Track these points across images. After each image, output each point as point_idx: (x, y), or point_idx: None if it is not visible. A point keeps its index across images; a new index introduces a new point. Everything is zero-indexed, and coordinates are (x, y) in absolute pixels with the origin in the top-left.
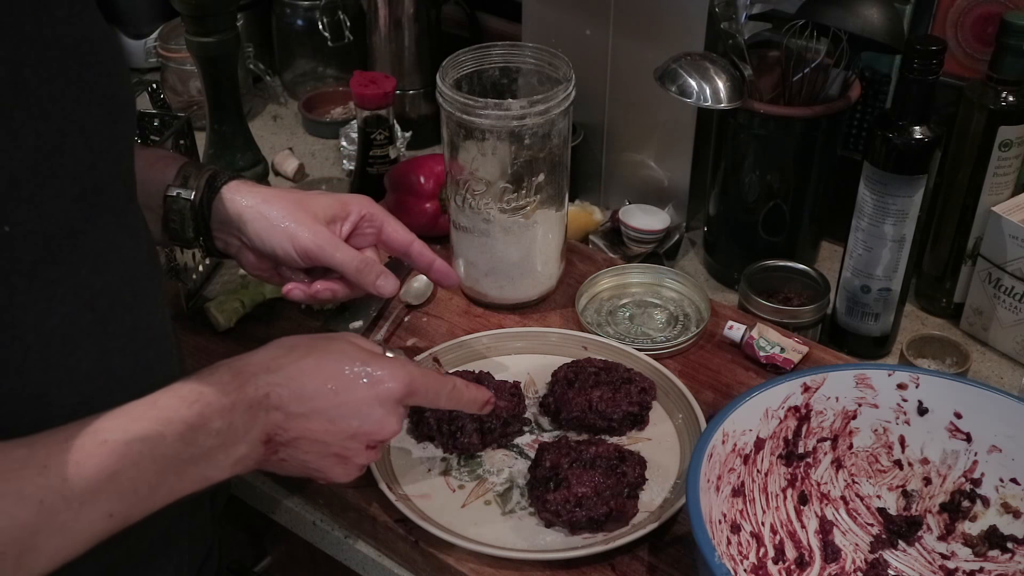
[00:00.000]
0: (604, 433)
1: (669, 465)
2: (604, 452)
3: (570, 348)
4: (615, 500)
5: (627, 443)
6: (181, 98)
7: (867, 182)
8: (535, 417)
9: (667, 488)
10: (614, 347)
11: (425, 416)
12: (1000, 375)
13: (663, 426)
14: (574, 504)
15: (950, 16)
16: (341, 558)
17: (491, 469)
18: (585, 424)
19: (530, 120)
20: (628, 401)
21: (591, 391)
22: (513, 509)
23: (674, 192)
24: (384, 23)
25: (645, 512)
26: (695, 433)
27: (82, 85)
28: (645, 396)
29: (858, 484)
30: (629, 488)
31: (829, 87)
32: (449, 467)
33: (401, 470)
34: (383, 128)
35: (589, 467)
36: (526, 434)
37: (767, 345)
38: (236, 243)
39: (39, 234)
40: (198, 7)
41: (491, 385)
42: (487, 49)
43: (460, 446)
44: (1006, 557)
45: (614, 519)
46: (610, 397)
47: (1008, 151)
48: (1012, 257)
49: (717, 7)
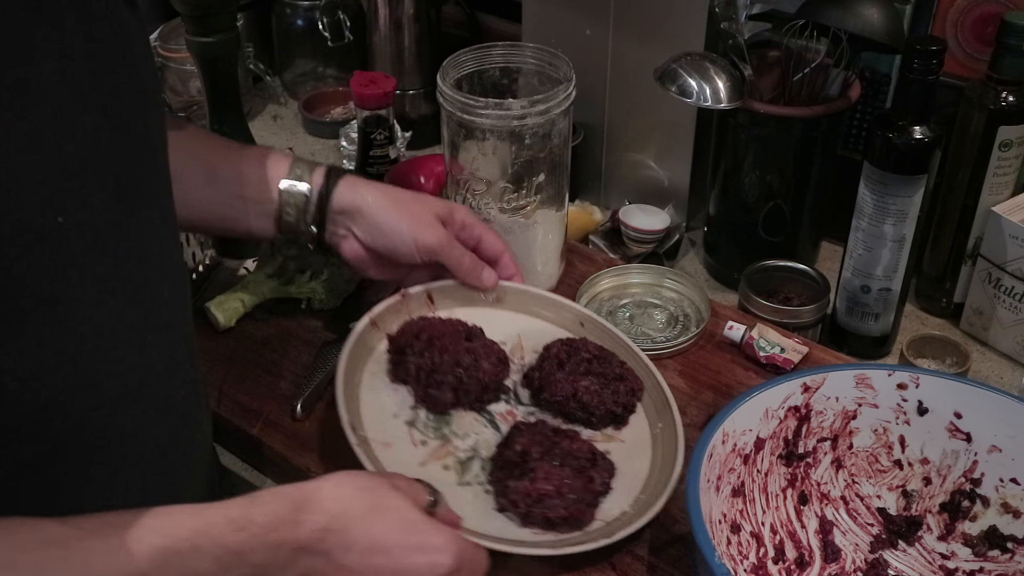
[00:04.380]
0: (581, 424)
1: (636, 474)
2: (578, 450)
3: (567, 321)
4: (576, 506)
5: (600, 440)
6: (181, 98)
7: (867, 182)
8: (515, 387)
9: (629, 500)
10: (611, 331)
11: (406, 359)
12: (1000, 375)
13: (640, 431)
14: (534, 500)
15: (950, 16)
16: None
17: (458, 431)
18: (564, 411)
19: (530, 120)
20: (614, 400)
21: (580, 379)
22: (470, 482)
23: (674, 192)
24: (384, 23)
25: (601, 521)
26: (671, 446)
27: (118, 79)
28: (632, 398)
29: (858, 484)
30: (593, 496)
31: (829, 87)
32: (416, 418)
33: (368, 408)
34: (383, 128)
35: (559, 463)
36: (501, 402)
37: (767, 345)
38: (343, 233)
39: (88, 226)
40: (198, 7)
41: (482, 344)
42: (487, 49)
43: (431, 400)
44: (1006, 557)
45: (570, 524)
46: (597, 391)
47: (1008, 151)
48: (1012, 257)
49: (717, 7)
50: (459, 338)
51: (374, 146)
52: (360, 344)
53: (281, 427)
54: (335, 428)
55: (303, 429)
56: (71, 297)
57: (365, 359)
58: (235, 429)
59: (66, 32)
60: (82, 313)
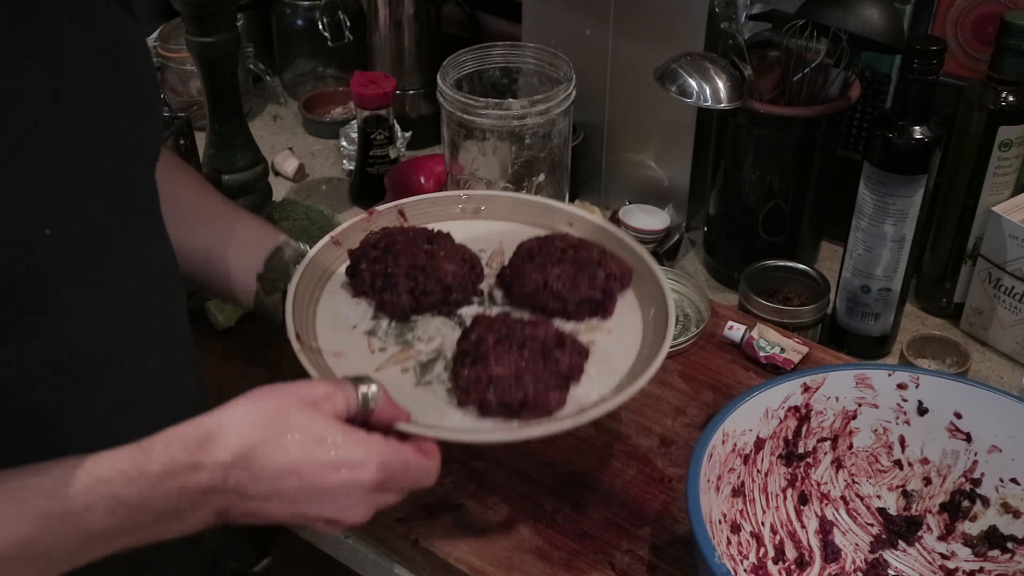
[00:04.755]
0: (559, 316)
1: (621, 361)
2: (541, 335)
3: (555, 223)
4: (534, 388)
5: (583, 331)
6: (181, 98)
7: (867, 182)
8: (490, 289)
9: (611, 385)
10: (602, 227)
11: (361, 269)
12: (1000, 375)
13: (630, 318)
14: (486, 384)
15: (950, 16)
16: (341, 558)
17: (422, 336)
18: (538, 304)
19: (530, 120)
20: (589, 285)
21: (550, 268)
22: (431, 381)
23: (674, 192)
24: (384, 23)
25: (576, 406)
26: (661, 330)
27: (115, 90)
28: (611, 282)
29: (858, 484)
30: (558, 378)
31: (829, 87)
32: (377, 327)
33: (324, 322)
34: (383, 128)
35: (517, 348)
36: (474, 305)
37: (767, 345)
38: None
39: (79, 236)
40: (198, 7)
41: (444, 247)
42: (487, 49)
43: (388, 306)
44: (1006, 557)
45: (531, 408)
46: (570, 277)
47: (1008, 151)
48: (1012, 257)
49: (717, 7)
50: (418, 242)
51: (374, 146)
52: (318, 263)
53: None
54: None
55: None
56: (61, 307)
57: (326, 279)
58: None
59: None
60: (74, 323)
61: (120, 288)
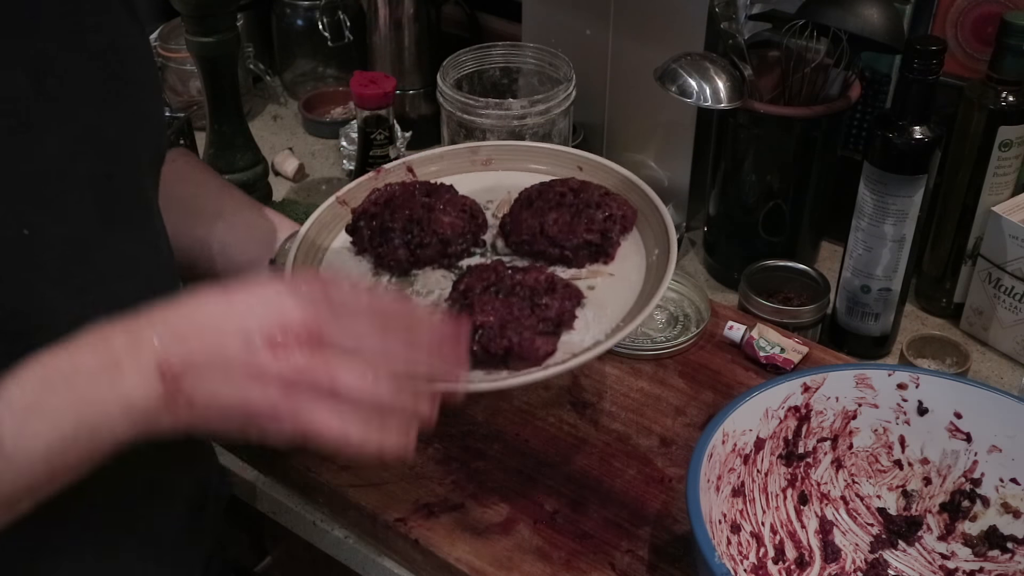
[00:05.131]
0: (559, 263)
1: (620, 304)
2: (531, 281)
3: (563, 168)
4: (519, 336)
5: (584, 276)
6: (181, 98)
7: (867, 182)
8: (494, 239)
9: (605, 329)
10: (611, 168)
11: (360, 226)
12: (1000, 375)
13: (633, 260)
14: (471, 333)
15: (950, 16)
16: (341, 558)
17: (420, 289)
18: (535, 251)
19: (530, 120)
20: (587, 228)
21: (547, 213)
22: None
23: (674, 192)
24: (384, 23)
25: (568, 353)
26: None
27: (105, 94)
28: (610, 224)
29: (858, 484)
30: (546, 324)
31: (829, 87)
32: (378, 283)
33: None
34: (383, 128)
35: (504, 295)
36: (476, 257)
37: (767, 345)
38: None
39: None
40: (198, 7)
41: (444, 199)
42: (487, 49)
43: (385, 260)
44: (1006, 557)
45: (518, 356)
46: (567, 221)
47: (1008, 151)
48: (1012, 257)
49: (717, 7)
50: (416, 196)
51: (374, 146)
52: (323, 223)
53: None
54: None
55: None
56: (45, 310)
57: (332, 239)
58: None
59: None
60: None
61: (108, 293)
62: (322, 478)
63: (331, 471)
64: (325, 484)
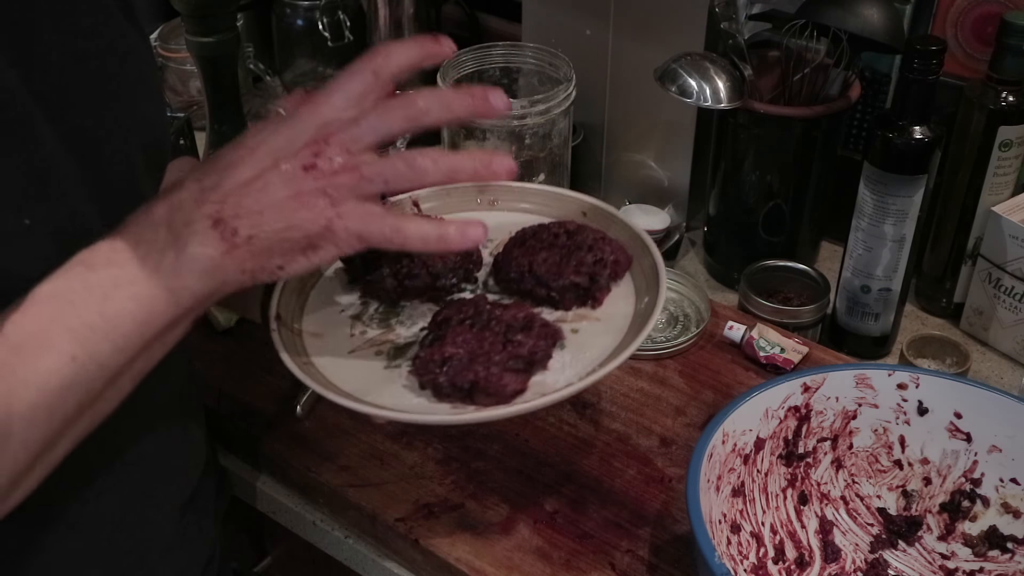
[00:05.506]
0: (546, 304)
1: (600, 349)
2: (508, 317)
3: (568, 212)
4: (486, 370)
5: (570, 319)
6: (181, 98)
7: (867, 182)
8: (487, 278)
9: (580, 372)
10: (615, 216)
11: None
12: (1000, 375)
13: (621, 307)
14: (439, 364)
15: (950, 16)
16: (341, 558)
17: (405, 320)
18: (523, 289)
19: (531, 120)
20: (575, 270)
21: (538, 252)
22: (400, 364)
23: (674, 192)
24: (384, 23)
25: (538, 393)
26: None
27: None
28: (599, 268)
29: (858, 484)
30: (516, 360)
31: (829, 87)
32: (364, 312)
33: (314, 305)
34: None
35: (478, 329)
36: (466, 291)
37: (767, 345)
38: None
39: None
40: (198, 7)
41: None
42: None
43: (373, 289)
44: (1006, 557)
45: (484, 391)
46: (556, 262)
47: (1008, 151)
48: (1012, 257)
49: (717, 7)
50: None
51: None
52: None
53: (281, 427)
54: (336, 428)
55: (303, 429)
56: None
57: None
58: (235, 429)
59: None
60: None
61: None
62: (322, 478)
63: (331, 471)
64: (325, 484)
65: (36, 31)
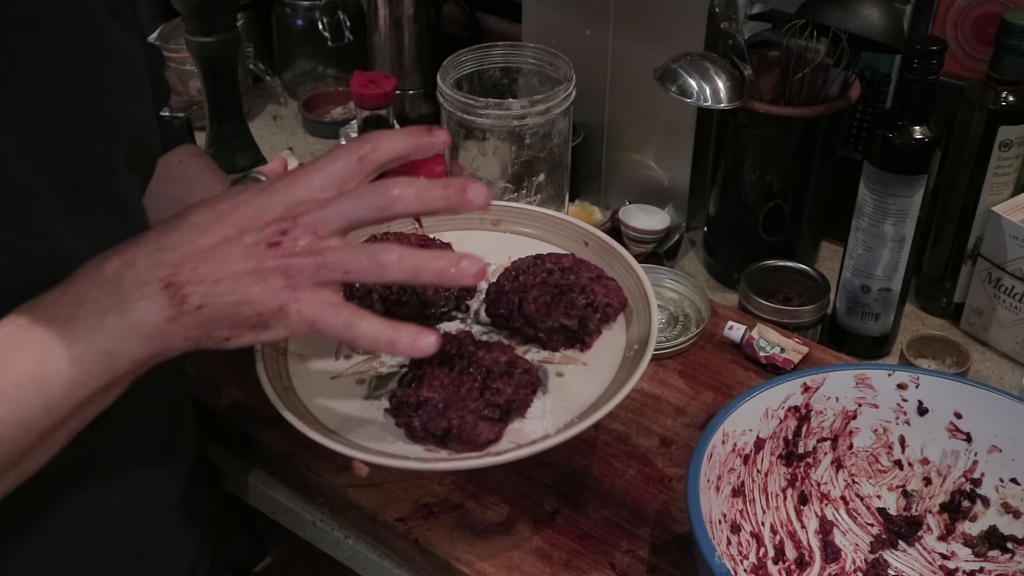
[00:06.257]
0: (534, 343)
1: (584, 397)
2: (489, 360)
3: (570, 241)
4: (460, 418)
5: (557, 361)
6: (181, 98)
7: (867, 182)
8: (480, 307)
9: (558, 423)
10: (616, 251)
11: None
12: (1000, 375)
13: (610, 352)
14: (414, 407)
15: (950, 16)
16: (341, 558)
17: None
18: (512, 327)
19: (531, 120)
20: (565, 312)
21: (529, 290)
22: (381, 396)
23: (674, 192)
24: (384, 23)
25: (512, 443)
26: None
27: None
28: (590, 312)
29: (858, 484)
30: (492, 409)
31: (829, 87)
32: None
33: None
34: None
35: (458, 372)
36: (456, 321)
37: (767, 345)
38: None
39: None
40: (198, 7)
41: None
42: (487, 49)
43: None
44: (1006, 557)
45: (457, 439)
46: (546, 302)
47: (1008, 151)
48: (1012, 257)
49: (717, 7)
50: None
51: None
52: None
53: (281, 426)
54: None
55: None
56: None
57: None
58: (234, 429)
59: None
60: None
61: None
62: (322, 478)
63: (331, 471)
64: (325, 484)
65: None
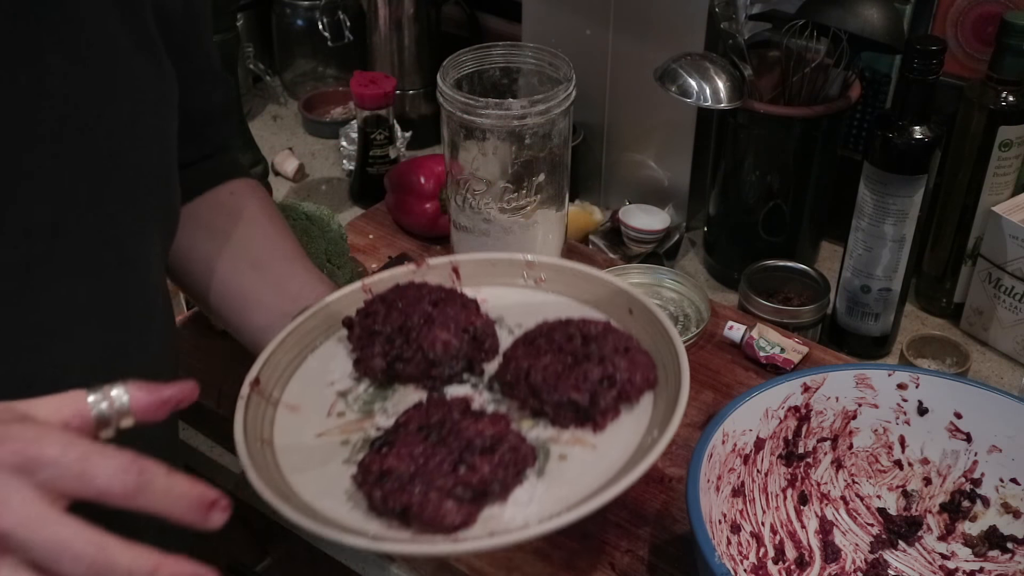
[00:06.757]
0: (541, 417)
1: (580, 487)
2: (474, 432)
3: (614, 306)
4: (424, 495)
5: (564, 441)
6: None
7: (867, 182)
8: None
9: (544, 513)
10: (660, 323)
11: (355, 322)
12: (1000, 375)
13: (625, 437)
14: (376, 476)
15: (950, 16)
16: (341, 558)
17: (389, 408)
18: (519, 397)
19: (530, 120)
20: (575, 385)
21: (541, 356)
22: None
23: (674, 192)
24: (384, 23)
25: (486, 531)
26: (639, 459)
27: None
28: (604, 388)
29: (858, 484)
30: (464, 489)
31: (829, 87)
32: (352, 389)
33: (306, 373)
34: (383, 128)
35: (434, 442)
36: (465, 385)
37: (767, 345)
38: None
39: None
40: None
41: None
42: (487, 49)
43: (362, 366)
44: (1006, 557)
45: (419, 519)
46: (556, 372)
47: (1008, 151)
48: (1012, 257)
49: (717, 7)
50: (423, 301)
51: (374, 146)
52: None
53: None
54: None
55: None
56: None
57: (336, 328)
58: None
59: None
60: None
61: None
62: None
63: None
64: None
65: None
